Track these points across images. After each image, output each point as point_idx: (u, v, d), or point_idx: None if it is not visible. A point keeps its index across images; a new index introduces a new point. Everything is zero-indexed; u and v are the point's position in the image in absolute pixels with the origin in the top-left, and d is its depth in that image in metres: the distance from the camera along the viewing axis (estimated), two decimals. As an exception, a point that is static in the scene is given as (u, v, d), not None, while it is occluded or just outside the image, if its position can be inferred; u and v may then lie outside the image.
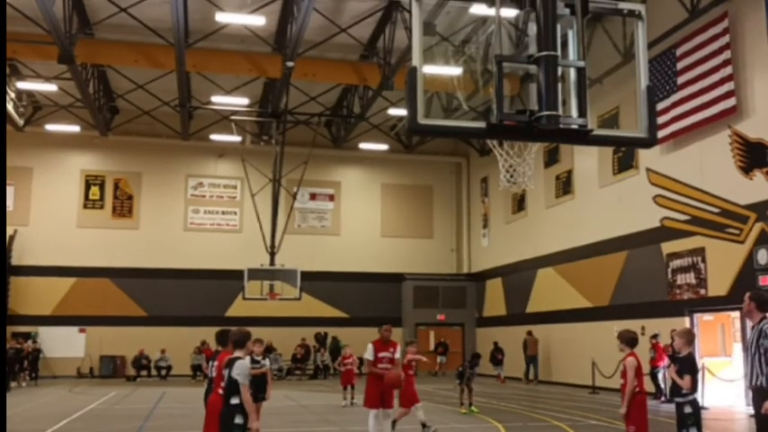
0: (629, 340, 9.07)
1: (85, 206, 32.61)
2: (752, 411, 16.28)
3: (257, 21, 22.26)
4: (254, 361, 12.03)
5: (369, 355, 11.08)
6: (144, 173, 33.19)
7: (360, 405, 17.64)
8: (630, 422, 8.74)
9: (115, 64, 26.33)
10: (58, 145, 31.77)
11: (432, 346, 33.84)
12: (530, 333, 28.23)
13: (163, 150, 33.14)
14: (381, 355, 11.04)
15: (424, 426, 12.99)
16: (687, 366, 8.35)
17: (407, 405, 12.78)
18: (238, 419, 7.11)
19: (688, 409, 8.26)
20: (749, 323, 8.08)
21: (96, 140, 32.00)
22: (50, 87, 27.81)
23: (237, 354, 7.40)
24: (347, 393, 18.97)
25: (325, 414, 16.91)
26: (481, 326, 33.95)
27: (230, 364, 7.28)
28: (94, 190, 32.71)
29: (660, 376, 19.52)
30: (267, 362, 12.35)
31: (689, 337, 8.61)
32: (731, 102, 18.61)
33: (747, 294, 7.50)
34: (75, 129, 31.05)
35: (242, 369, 7.18)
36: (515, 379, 28.36)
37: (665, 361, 19.57)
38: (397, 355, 11.32)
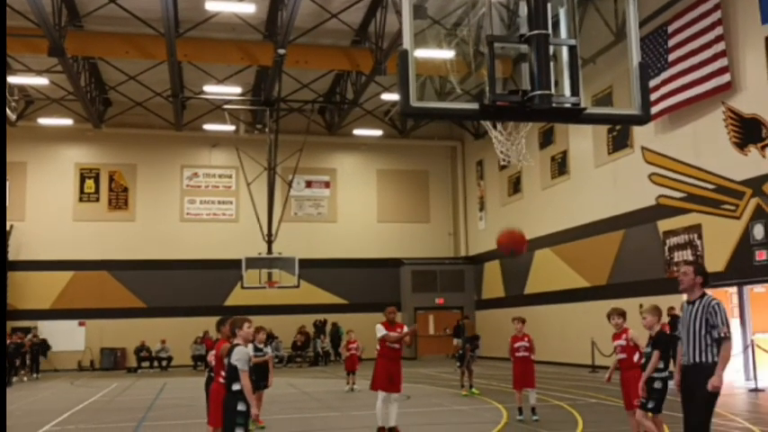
0: (624, 314, 9.18)
1: (81, 199, 32.56)
2: (751, 386, 16.41)
3: (247, 8, 22.14)
4: (256, 349, 12.08)
5: (379, 333, 11.16)
6: (138, 164, 33.13)
7: (361, 390, 17.74)
8: (636, 395, 8.80)
9: (106, 56, 26.22)
10: (51, 139, 31.70)
11: (432, 330, 34.03)
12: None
13: (157, 141, 33.07)
14: (391, 335, 11.16)
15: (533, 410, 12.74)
16: (661, 343, 8.36)
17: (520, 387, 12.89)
18: (241, 406, 7.14)
19: (658, 385, 8.29)
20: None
21: (90, 133, 31.93)
22: (42, 81, 27.69)
23: (237, 341, 7.41)
24: (350, 378, 19.04)
25: (327, 400, 16.96)
26: (480, 308, 34.03)
27: (230, 351, 7.31)
28: (89, 183, 32.65)
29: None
30: (269, 350, 12.34)
31: (658, 312, 8.60)
32: (725, 78, 18.59)
33: (691, 267, 7.10)
34: (68, 122, 30.96)
35: (241, 355, 7.21)
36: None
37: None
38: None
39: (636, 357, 8.88)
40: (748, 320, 18.73)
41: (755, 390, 16.09)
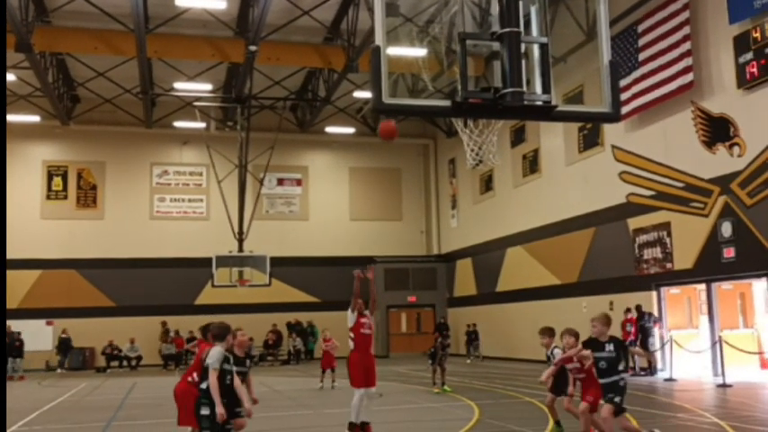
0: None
1: (48, 197, 32.13)
2: (719, 382, 16.64)
3: (218, 4, 21.98)
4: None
5: (350, 321, 11.19)
6: (107, 162, 32.75)
7: (339, 388, 17.69)
8: (591, 393, 8.99)
9: (74, 52, 25.89)
10: (18, 136, 31.11)
11: (404, 328, 34.11)
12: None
13: (126, 139, 32.71)
14: (362, 321, 11.20)
15: None
16: (620, 347, 8.82)
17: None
18: (204, 410, 7.16)
19: (623, 383, 8.66)
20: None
21: (57, 130, 31.49)
22: (8, 77, 27.24)
23: (220, 346, 7.43)
24: (325, 376, 18.99)
25: (299, 398, 16.89)
26: (452, 306, 34.12)
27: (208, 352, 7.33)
28: (57, 181, 32.22)
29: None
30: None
31: (607, 320, 8.92)
32: (689, 77, 18.83)
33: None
34: (36, 119, 30.50)
35: (213, 354, 7.21)
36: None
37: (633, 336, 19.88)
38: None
39: (587, 364, 9.00)
40: (716, 317, 18.97)
41: (723, 385, 16.29)
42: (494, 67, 5.64)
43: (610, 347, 8.64)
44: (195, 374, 8.60)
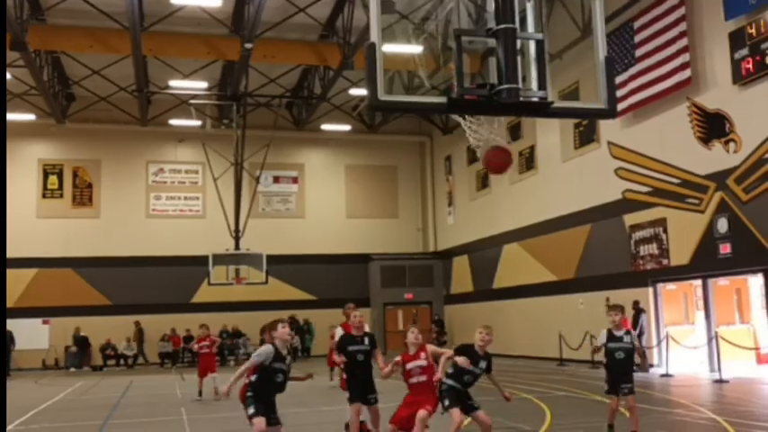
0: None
1: (44, 196, 32.07)
2: (715, 377, 16.67)
3: (213, 2, 21.93)
4: (355, 341, 10.30)
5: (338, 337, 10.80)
6: (103, 160, 32.69)
7: (336, 386, 17.67)
8: (431, 403, 8.67)
9: (69, 50, 25.82)
10: (13, 134, 31.03)
11: (401, 325, 34.06)
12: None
13: (122, 137, 32.64)
14: None
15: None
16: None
17: None
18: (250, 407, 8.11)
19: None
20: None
21: (53, 128, 31.41)
22: (3, 75, 27.19)
23: (272, 340, 8.07)
24: (332, 374, 19.00)
25: (296, 396, 16.86)
26: (449, 303, 34.14)
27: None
28: (53, 179, 32.16)
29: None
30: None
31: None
32: (686, 73, 18.83)
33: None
34: (31, 117, 30.43)
35: (261, 351, 7.90)
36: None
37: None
38: None
39: (437, 376, 8.57)
40: (712, 313, 19.00)
41: (720, 381, 16.33)
42: (489, 64, 5.64)
43: (482, 365, 8.59)
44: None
